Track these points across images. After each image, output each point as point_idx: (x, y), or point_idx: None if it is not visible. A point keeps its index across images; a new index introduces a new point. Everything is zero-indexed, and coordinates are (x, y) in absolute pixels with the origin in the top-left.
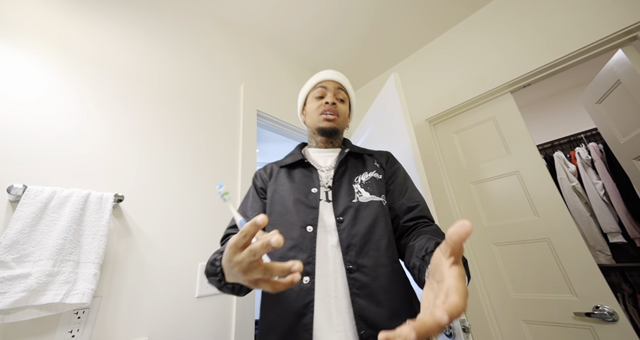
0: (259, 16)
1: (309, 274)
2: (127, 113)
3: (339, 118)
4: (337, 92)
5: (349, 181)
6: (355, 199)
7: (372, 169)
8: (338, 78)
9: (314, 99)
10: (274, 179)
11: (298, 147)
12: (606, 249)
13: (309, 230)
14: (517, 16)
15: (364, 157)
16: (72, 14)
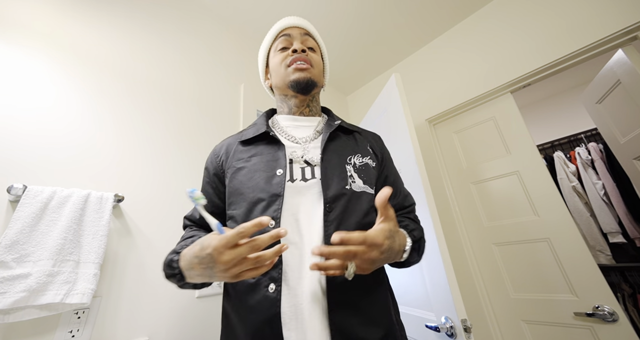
0: (259, 16)
1: (274, 281)
2: (127, 113)
3: (313, 69)
4: (304, 39)
5: (341, 160)
6: (349, 185)
7: (366, 153)
8: (302, 23)
9: (277, 53)
10: (231, 158)
11: (264, 114)
12: (606, 249)
13: (270, 227)
14: (517, 16)
15: (354, 135)
16: (72, 14)
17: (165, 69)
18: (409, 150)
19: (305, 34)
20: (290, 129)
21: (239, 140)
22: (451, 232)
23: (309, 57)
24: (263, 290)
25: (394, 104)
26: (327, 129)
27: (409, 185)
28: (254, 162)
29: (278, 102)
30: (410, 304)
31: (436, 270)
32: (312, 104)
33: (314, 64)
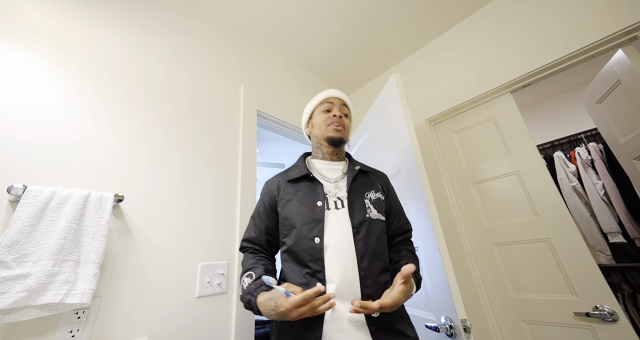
0: (259, 16)
1: (320, 281)
2: (127, 113)
3: (344, 130)
4: (342, 107)
5: (361, 195)
6: (367, 214)
7: (378, 189)
8: (343, 97)
9: (321, 113)
10: (282, 194)
11: (302, 158)
12: (606, 249)
13: (316, 242)
14: (516, 16)
15: (369, 175)
16: (71, 14)
17: (165, 69)
18: (408, 150)
19: (343, 105)
20: (324, 171)
21: (286, 179)
22: (451, 232)
23: (343, 121)
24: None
25: (394, 104)
26: (350, 172)
27: (409, 185)
28: (300, 196)
29: (314, 148)
30: (410, 304)
31: (436, 270)
32: (339, 153)
33: (346, 127)
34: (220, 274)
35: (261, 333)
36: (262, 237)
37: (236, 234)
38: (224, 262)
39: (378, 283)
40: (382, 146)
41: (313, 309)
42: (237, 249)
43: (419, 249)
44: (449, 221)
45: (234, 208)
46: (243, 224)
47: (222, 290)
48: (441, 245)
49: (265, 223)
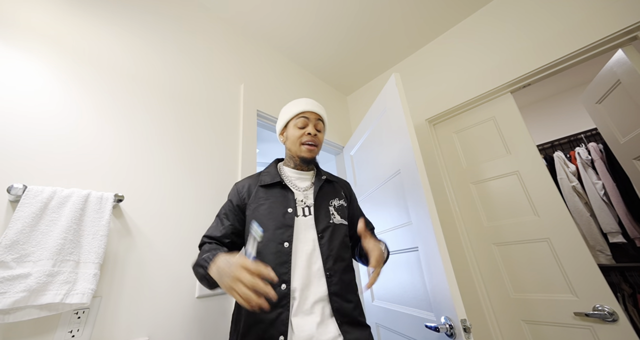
0: (258, 16)
1: (285, 282)
2: (127, 113)
3: (317, 148)
4: (317, 123)
5: (326, 203)
6: (331, 220)
7: (341, 197)
8: (318, 110)
9: (295, 128)
10: (253, 197)
11: (274, 164)
12: (606, 249)
13: (285, 246)
14: (516, 16)
15: (334, 184)
16: (71, 15)
17: (165, 69)
18: (408, 150)
19: (318, 119)
20: (295, 180)
21: (258, 184)
22: (451, 232)
23: (316, 139)
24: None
25: (394, 104)
26: (318, 182)
27: (409, 185)
28: (271, 201)
29: (287, 156)
30: (410, 304)
31: (436, 270)
32: (310, 165)
33: (319, 144)
34: None
35: None
36: (227, 237)
37: None
38: None
39: (343, 281)
40: (382, 146)
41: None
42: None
43: (419, 248)
44: (449, 221)
45: None
46: None
47: (222, 290)
48: (441, 245)
49: (233, 223)
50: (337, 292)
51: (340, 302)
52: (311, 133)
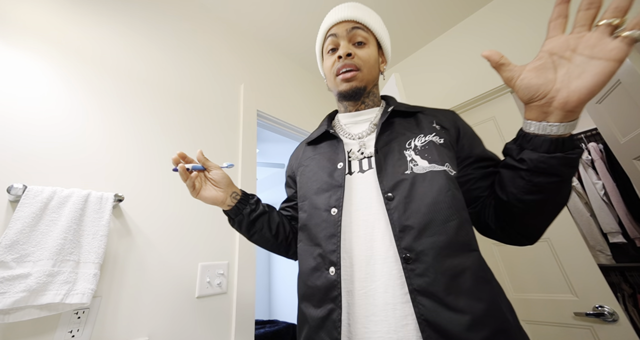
0: (258, 16)
1: (334, 264)
2: (127, 113)
3: (361, 72)
4: (352, 35)
5: (399, 147)
6: (409, 169)
7: (431, 131)
8: (350, 14)
9: (327, 55)
10: (300, 160)
11: (327, 117)
12: (606, 249)
13: (333, 213)
14: (516, 16)
15: (417, 116)
16: (73, 14)
17: (165, 69)
18: None
19: (353, 28)
20: (349, 127)
21: (306, 142)
22: None
23: (355, 60)
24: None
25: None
26: (381, 119)
27: None
28: (318, 159)
29: (337, 101)
30: None
31: None
32: (367, 99)
33: (362, 65)
34: (220, 274)
35: (261, 333)
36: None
37: (236, 234)
38: (224, 262)
39: (441, 269)
40: None
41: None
42: (237, 249)
43: None
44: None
45: None
46: None
47: (222, 290)
48: None
49: (291, 198)
50: (427, 289)
51: (435, 309)
52: (342, 55)
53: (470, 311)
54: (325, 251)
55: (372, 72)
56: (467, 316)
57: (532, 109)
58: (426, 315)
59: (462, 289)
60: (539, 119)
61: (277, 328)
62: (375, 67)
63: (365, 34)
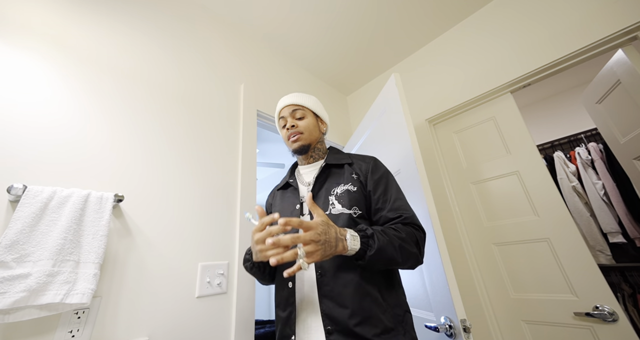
0: (258, 16)
1: (291, 281)
2: (127, 113)
3: (303, 135)
4: (293, 114)
5: (327, 193)
6: (328, 210)
7: (348, 181)
8: (290, 101)
9: (282, 130)
10: (273, 200)
11: (291, 167)
12: (606, 249)
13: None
14: (517, 16)
15: (344, 167)
16: (72, 14)
17: (165, 69)
18: (408, 150)
19: (294, 110)
20: (304, 175)
21: (276, 188)
22: (451, 232)
23: (298, 129)
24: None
25: (394, 104)
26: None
27: (409, 186)
28: (282, 203)
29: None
30: (410, 304)
31: (436, 270)
32: (314, 153)
33: (304, 130)
34: (220, 274)
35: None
36: None
37: (236, 234)
38: (224, 262)
39: (338, 279)
40: (382, 146)
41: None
42: (237, 249)
43: None
44: (449, 221)
45: (234, 208)
46: (243, 224)
47: (222, 290)
48: (441, 245)
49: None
50: (327, 294)
51: (331, 307)
52: (288, 127)
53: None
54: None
55: (313, 134)
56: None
57: None
58: (327, 311)
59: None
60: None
61: None
62: (315, 130)
63: (303, 111)
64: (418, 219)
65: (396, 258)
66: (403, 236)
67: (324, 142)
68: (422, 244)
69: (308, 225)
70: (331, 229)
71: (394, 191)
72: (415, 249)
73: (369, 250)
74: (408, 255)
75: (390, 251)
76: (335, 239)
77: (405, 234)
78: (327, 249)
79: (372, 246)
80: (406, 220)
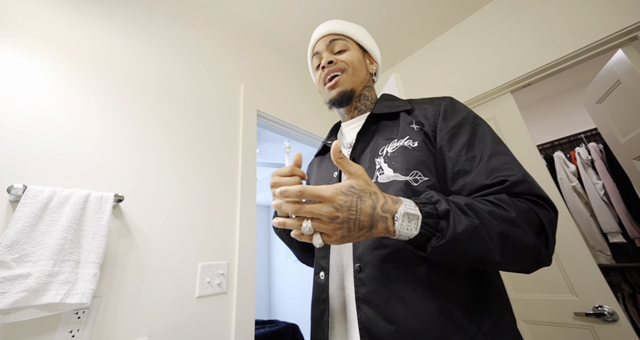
0: (258, 16)
1: (323, 269)
2: (127, 113)
3: (345, 74)
4: (331, 47)
5: (372, 155)
6: (374, 178)
7: (405, 134)
8: (326, 30)
9: (315, 72)
10: (310, 170)
11: (333, 126)
12: (606, 249)
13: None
14: (517, 16)
15: (400, 116)
16: (72, 14)
17: (164, 68)
18: None
19: (332, 40)
20: (346, 135)
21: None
22: None
23: (337, 65)
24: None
25: None
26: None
27: None
28: (319, 170)
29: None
30: None
31: None
32: (359, 104)
33: (345, 67)
34: (220, 274)
35: (261, 333)
36: None
37: (236, 233)
38: (224, 262)
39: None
40: None
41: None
42: (237, 249)
43: None
44: None
45: (234, 208)
46: (243, 224)
47: (222, 290)
48: None
49: None
50: (368, 298)
51: (373, 318)
52: (324, 65)
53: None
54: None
55: (358, 73)
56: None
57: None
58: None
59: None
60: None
61: (277, 328)
62: (361, 68)
63: (344, 42)
64: (540, 188)
65: (490, 255)
66: (511, 216)
67: (373, 89)
68: (551, 230)
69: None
70: (365, 200)
71: (488, 142)
72: (534, 239)
73: (436, 238)
74: (518, 251)
75: (477, 244)
76: (371, 218)
77: (515, 212)
78: (354, 230)
79: (443, 232)
80: (516, 189)
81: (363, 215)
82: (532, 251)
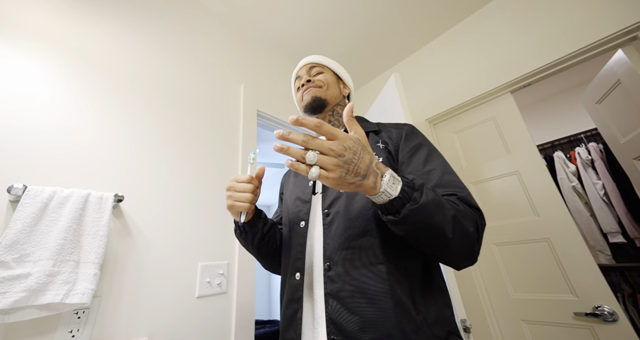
0: (259, 16)
1: (299, 270)
2: (127, 113)
3: (320, 88)
4: (310, 71)
5: None
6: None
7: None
8: (308, 60)
9: (296, 93)
10: (286, 180)
11: None
12: (606, 249)
13: (301, 226)
14: (516, 16)
15: (368, 136)
16: (72, 14)
17: (165, 68)
18: None
19: (311, 67)
20: None
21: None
22: None
23: (314, 83)
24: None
25: (394, 104)
26: None
27: None
28: (296, 180)
29: None
30: None
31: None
32: (333, 119)
33: (321, 83)
34: (220, 274)
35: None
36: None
37: None
38: (224, 262)
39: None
40: None
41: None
42: (237, 249)
43: None
44: None
45: None
46: None
47: (222, 290)
48: None
49: (279, 214)
50: (335, 293)
51: (338, 310)
52: (303, 83)
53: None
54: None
55: (333, 90)
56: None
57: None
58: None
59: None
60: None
61: (277, 328)
62: (335, 87)
63: (321, 68)
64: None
65: (445, 229)
66: (461, 209)
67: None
68: (482, 232)
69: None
70: (366, 154)
71: (438, 163)
72: (474, 231)
73: (410, 203)
74: (463, 233)
75: (439, 217)
76: (367, 168)
77: (463, 207)
78: (351, 173)
79: (417, 200)
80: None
81: (362, 164)
82: (472, 238)
